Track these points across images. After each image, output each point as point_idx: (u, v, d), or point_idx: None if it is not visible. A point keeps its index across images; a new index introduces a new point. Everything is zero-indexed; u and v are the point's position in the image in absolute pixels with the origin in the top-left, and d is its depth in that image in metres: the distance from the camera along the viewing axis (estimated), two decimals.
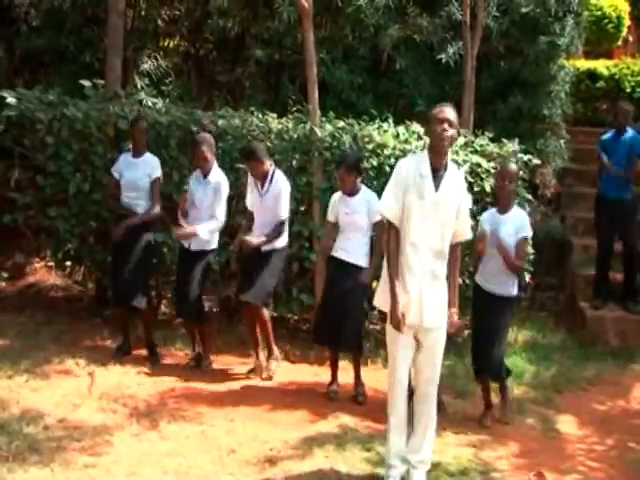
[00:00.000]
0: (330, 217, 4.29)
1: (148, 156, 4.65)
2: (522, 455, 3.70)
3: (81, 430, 3.55)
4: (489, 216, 4.03)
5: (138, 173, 4.58)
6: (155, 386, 4.22)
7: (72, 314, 5.37)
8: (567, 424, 4.15)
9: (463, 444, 3.75)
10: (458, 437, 3.82)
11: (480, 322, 3.98)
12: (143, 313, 4.70)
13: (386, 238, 3.22)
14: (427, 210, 3.07)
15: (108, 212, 4.98)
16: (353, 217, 4.16)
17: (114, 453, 3.36)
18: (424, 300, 3.10)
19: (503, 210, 3.95)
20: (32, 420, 3.59)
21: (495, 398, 4.16)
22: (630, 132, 5.33)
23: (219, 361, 4.69)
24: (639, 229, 5.39)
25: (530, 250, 4.66)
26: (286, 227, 4.50)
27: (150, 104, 5.25)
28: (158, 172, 4.63)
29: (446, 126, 3.02)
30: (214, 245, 4.55)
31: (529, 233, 3.96)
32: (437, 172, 3.09)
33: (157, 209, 4.60)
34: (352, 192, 4.19)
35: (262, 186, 4.41)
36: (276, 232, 4.39)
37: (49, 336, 4.84)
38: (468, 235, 3.26)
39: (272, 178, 4.41)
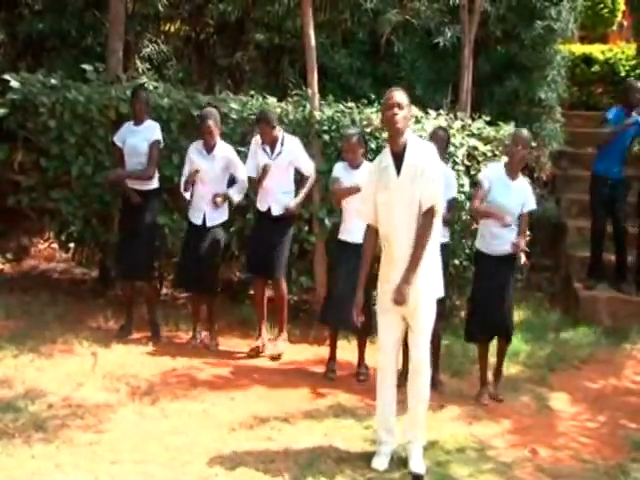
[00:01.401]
0: (335, 174, 4.34)
1: (149, 122, 4.70)
2: (517, 432, 3.79)
3: (85, 408, 3.62)
4: (496, 174, 4.02)
5: (138, 139, 4.62)
6: (157, 365, 4.30)
7: (76, 295, 5.45)
8: (560, 402, 4.24)
9: (459, 422, 3.84)
10: (455, 415, 3.91)
11: (489, 285, 3.99)
12: (146, 292, 4.78)
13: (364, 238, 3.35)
14: (395, 198, 3.13)
15: (111, 195, 5.05)
16: None
17: (117, 431, 3.43)
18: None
19: (513, 175, 4.01)
20: (37, 398, 3.67)
21: (490, 376, 4.26)
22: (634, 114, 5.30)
23: (220, 341, 4.76)
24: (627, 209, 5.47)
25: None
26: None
27: (151, 88, 5.29)
28: (157, 135, 4.67)
29: (396, 110, 3.08)
30: (225, 217, 4.67)
31: (534, 206, 4.06)
32: (397, 156, 3.13)
33: (151, 171, 4.62)
34: (357, 165, 4.25)
35: (272, 150, 4.49)
36: (309, 188, 4.57)
37: (54, 316, 4.91)
38: (432, 202, 3.11)
39: (283, 142, 4.50)
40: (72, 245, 5.54)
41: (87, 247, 5.57)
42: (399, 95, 3.12)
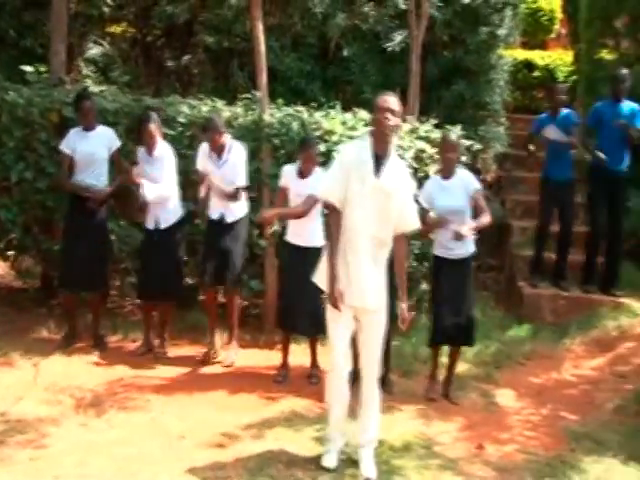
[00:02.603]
0: (283, 184, 4.30)
1: (102, 128, 4.58)
2: (464, 429, 3.87)
3: (25, 423, 3.49)
4: (433, 184, 4.15)
5: (94, 146, 4.49)
6: (103, 375, 4.21)
7: (16, 305, 5.26)
8: (506, 398, 4.35)
9: (408, 421, 3.89)
10: (404, 415, 3.96)
11: (449, 290, 4.06)
12: (92, 300, 4.66)
13: (328, 220, 3.29)
14: (367, 195, 3.13)
15: (53, 201, 4.90)
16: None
17: (60, 445, 3.32)
18: (364, 282, 3.17)
19: (447, 176, 4.11)
20: None
21: (439, 375, 4.34)
22: (564, 111, 5.45)
23: (170, 349, 4.69)
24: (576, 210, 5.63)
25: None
26: (244, 195, 4.55)
27: (96, 91, 5.17)
28: (117, 142, 4.58)
29: (389, 115, 3.09)
30: (180, 215, 4.58)
31: (479, 185, 4.14)
32: (379, 159, 3.16)
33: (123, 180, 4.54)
34: (309, 174, 4.25)
35: (219, 157, 4.44)
36: (233, 197, 4.43)
37: None
38: (413, 226, 3.27)
39: (230, 149, 4.46)
40: (11, 254, 5.35)
41: (28, 256, 5.39)
42: (394, 101, 3.13)
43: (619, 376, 4.60)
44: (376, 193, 3.13)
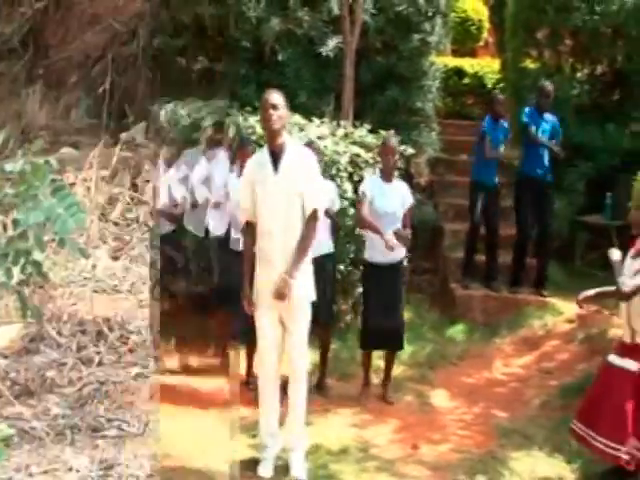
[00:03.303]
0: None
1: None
2: (400, 430, 3.92)
3: None
4: (373, 183, 4.20)
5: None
6: None
7: None
8: (440, 398, 4.43)
9: (345, 424, 3.90)
10: (341, 418, 3.97)
11: (381, 296, 4.11)
12: None
13: (244, 232, 3.38)
14: (272, 194, 3.19)
15: None
16: None
17: None
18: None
19: (388, 179, 4.20)
20: None
21: (375, 378, 4.38)
22: (502, 122, 5.66)
23: None
24: (501, 214, 5.82)
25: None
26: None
27: None
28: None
29: (271, 111, 3.16)
30: None
31: (412, 200, 4.28)
32: (276, 156, 3.22)
33: None
34: None
35: None
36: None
37: None
38: (318, 204, 3.24)
39: None
40: None
41: None
42: (274, 96, 3.20)
43: (545, 373, 4.78)
44: (279, 188, 3.19)
